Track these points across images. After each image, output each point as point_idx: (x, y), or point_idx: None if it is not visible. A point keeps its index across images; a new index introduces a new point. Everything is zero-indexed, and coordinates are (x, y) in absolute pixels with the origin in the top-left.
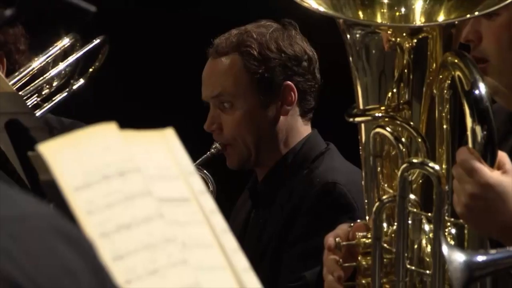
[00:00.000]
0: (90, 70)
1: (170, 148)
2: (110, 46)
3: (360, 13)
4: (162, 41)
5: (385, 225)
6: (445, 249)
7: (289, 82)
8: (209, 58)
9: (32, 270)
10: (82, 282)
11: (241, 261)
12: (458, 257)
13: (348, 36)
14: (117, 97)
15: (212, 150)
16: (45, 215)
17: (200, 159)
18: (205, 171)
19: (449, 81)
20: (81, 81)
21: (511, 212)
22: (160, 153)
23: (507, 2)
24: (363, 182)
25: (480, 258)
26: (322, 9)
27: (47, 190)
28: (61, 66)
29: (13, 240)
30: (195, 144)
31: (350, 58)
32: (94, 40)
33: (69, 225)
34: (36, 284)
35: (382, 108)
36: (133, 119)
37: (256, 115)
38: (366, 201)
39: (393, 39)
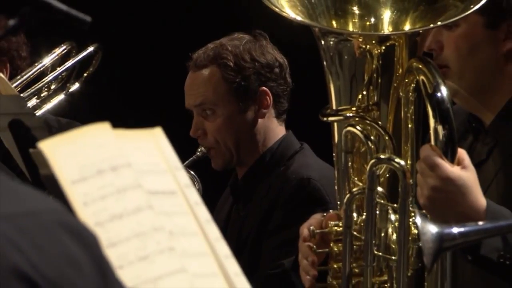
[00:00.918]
0: (85, 74)
1: (158, 145)
2: (103, 53)
3: (334, 22)
4: (153, 51)
5: (355, 215)
6: (419, 220)
7: (263, 88)
8: (190, 71)
9: (39, 262)
10: (85, 272)
11: (223, 249)
12: (430, 229)
13: (323, 42)
14: (110, 99)
15: (198, 153)
16: (52, 210)
17: (187, 161)
18: (192, 172)
19: (414, 85)
20: (77, 84)
21: (469, 204)
22: (150, 150)
23: (465, 14)
24: (335, 176)
25: (451, 230)
26: (299, 18)
27: (47, 184)
28: (59, 71)
29: (23, 234)
30: (182, 148)
31: (324, 63)
32: (89, 48)
33: (74, 220)
34: (42, 275)
35: (353, 108)
36: (125, 119)
37: (236, 120)
38: (338, 193)
39: (364, 46)
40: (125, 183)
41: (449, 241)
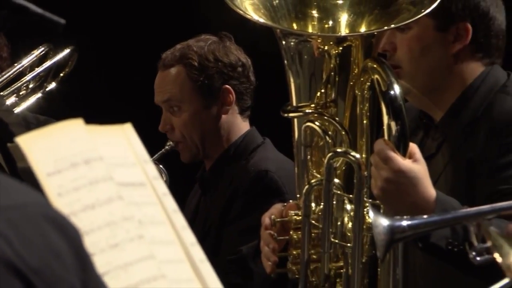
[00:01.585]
0: (61, 74)
1: (128, 140)
2: (79, 54)
3: (294, 25)
4: (124, 52)
5: (313, 204)
6: (371, 214)
7: (227, 86)
8: (159, 70)
9: (26, 253)
10: (67, 263)
11: (189, 237)
12: (382, 222)
13: (284, 43)
14: (84, 97)
15: (167, 147)
16: (37, 203)
17: (156, 155)
18: (160, 165)
19: (369, 83)
20: (53, 84)
21: (420, 195)
22: (120, 144)
23: (417, 17)
24: (295, 169)
25: (401, 223)
26: (262, 20)
27: (24, 176)
28: (37, 71)
29: (11, 226)
30: (152, 142)
31: (285, 62)
32: (65, 50)
33: (57, 213)
34: (28, 265)
35: (312, 105)
36: (97, 116)
37: (201, 116)
38: (297, 184)
39: (322, 46)
40: (97, 175)
41: (399, 233)
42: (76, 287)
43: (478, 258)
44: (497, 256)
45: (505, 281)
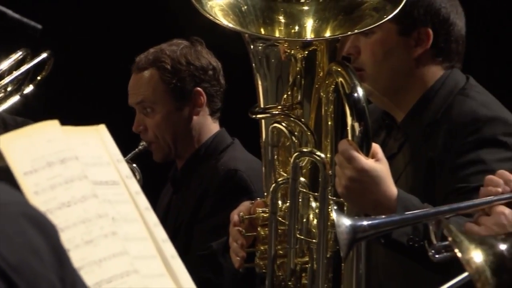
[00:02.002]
0: (38, 78)
1: (102, 140)
2: (55, 58)
3: (262, 30)
4: (99, 56)
5: (280, 202)
6: (334, 215)
7: (198, 88)
8: (133, 73)
9: (6, 250)
10: (45, 260)
11: (161, 233)
12: (344, 222)
13: (252, 47)
14: (60, 99)
15: (140, 147)
16: (17, 202)
17: (130, 155)
18: (133, 164)
19: (334, 86)
20: (31, 87)
21: (382, 193)
22: (94, 144)
23: (380, 22)
24: (263, 168)
25: (363, 222)
26: (231, 25)
27: (2, 175)
28: (15, 74)
29: None
30: (126, 142)
31: (253, 66)
32: (42, 54)
33: (36, 211)
34: (8, 262)
35: (279, 107)
36: (73, 117)
37: (173, 117)
38: (264, 183)
39: (289, 50)
40: (73, 174)
41: (361, 233)
42: (54, 283)
43: (437, 256)
44: (457, 251)
45: (464, 275)
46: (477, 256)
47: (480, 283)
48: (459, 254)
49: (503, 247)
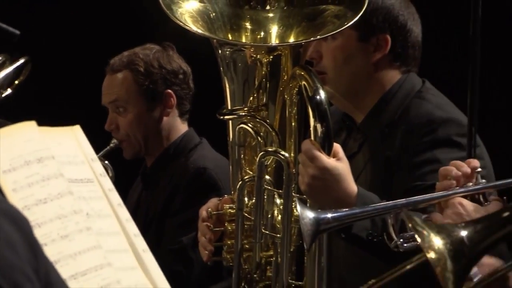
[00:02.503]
0: (16, 82)
1: (77, 140)
2: (32, 63)
3: (229, 35)
4: (74, 59)
5: (246, 199)
6: (299, 208)
7: (169, 90)
8: (107, 74)
9: None
10: (20, 252)
11: (133, 228)
12: (308, 214)
13: (220, 52)
14: (37, 102)
15: (111, 144)
16: None
17: (102, 152)
18: (106, 161)
19: (297, 89)
20: (9, 90)
21: (343, 190)
22: (70, 144)
23: (341, 29)
24: (230, 166)
25: (326, 215)
26: (200, 31)
27: None
28: None
29: None
30: (98, 140)
31: (221, 69)
32: (20, 59)
33: (10, 206)
34: None
35: (245, 109)
36: (49, 119)
37: (144, 117)
38: (231, 180)
39: (255, 55)
40: (49, 172)
41: (324, 224)
42: (29, 275)
43: (404, 245)
44: (418, 238)
45: (424, 257)
46: (437, 242)
47: (439, 267)
48: (419, 241)
49: (463, 233)
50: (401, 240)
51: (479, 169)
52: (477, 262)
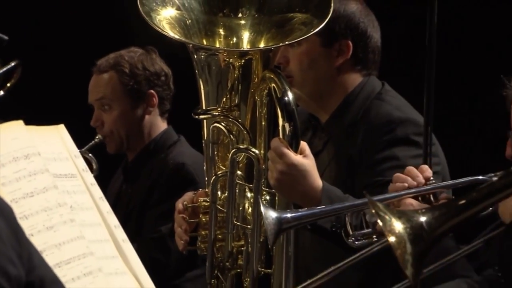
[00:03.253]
0: (8, 84)
1: (61, 138)
2: (23, 67)
3: (204, 41)
4: (63, 61)
5: (219, 192)
6: (262, 208)
7: (151, 91)
8: (94, 74)
9: None
10: (4, 238)
11: (113, 220)
12: (271, 214)
13: (195, 56)
14: (25, 103)
15: (96, 139)
16: None
17: (87, 146)
18: (90, 154)
19: (267, 91)
20: (1, 92)
21: (309, 185)
22: (55, 141)
23: (307, 35)
24: (204, 162)
25: (288, 215)
26: (177, 37)
27: None
28: None
29: None
30: (83, 135)
31: (196, 72)
32: (11, 63)
33: None
34: None
35: (219, 109)
36: (36, 118)
37: (128, 115)
38: (206, 175)
39: (227, 59)
40: (35, 168)
41: (286, 224)
42: (13, 259)
43: (356, 243)
44: (380, 223)
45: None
46: (397, 226)
47: (399, 250)
48: (381, 225)
49: (422, 219)
50: (353, 238)
51: (432, 179)
52: (434, 246)
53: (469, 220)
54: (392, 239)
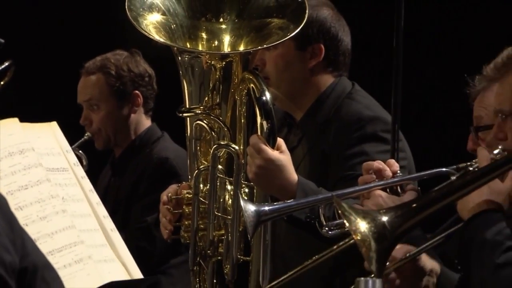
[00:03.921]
0: (2, 83)
1: (54, 134)
2: (17, 67)
3: (188, 44)
4: (52, 63)
5: (201, 185)
6: (241, 201)
7: (136, 91)
8: (82, 76)
9: None
10: None
11: (102, 211)
12: (250, 207)
13: (179, 58)
14: (20, 101)
15: (85, 137)
16: None
17: (77, 143)
18: (80, 151)
19: (246, 91)
20: None
21: (285, 178)
22: (48, 137)
23: (284, 40)
24: (187, 157)
25: (265, 208)
26: (162, 40)
27: None
28: None
29: None
30: (74, 131)
31: (181, 73)
32: (5, 63)
33: None
34: None
35: (201, 107)
36: (30, 115)
37: (115, 114)
38: (189, 169)
39: (209, 61)
40: (30, 162)
41: (264, 216)
42: (7, 246)
43: (329, 233)
44: (346, 222)
45: (352, 240)
46: (362, 226)
47: (364, 248)
48: (347, 225)
49: (384, 219)
50: (326, 228)
51: (399, 172)
52: (397, 243)
53: (429, 218)
54: (357, 237)
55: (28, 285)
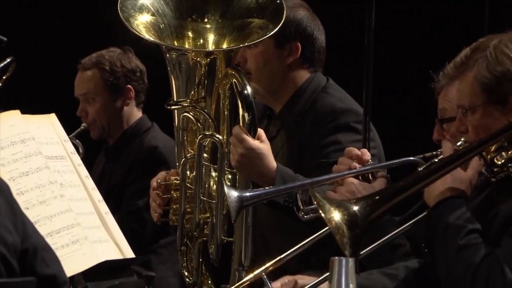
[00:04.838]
0: (4, 77)
1: (53, 125)
2: (18, 63)
3: (175, 42)
4: (51, 59)
5: (188, 172)
6: (225, 188)
7: (129, 85)
8: (79, 71)
9: None
10: (2, 211)
11: (97, 195)
12: (233, 193)
13: (168, 55)
14: (21, 94)
15: (82, 127)
16: None
17: (74, 133)
18: (77, 140)
19: (229, 85)
20: None
21: (265, 166)
22: (47, 128)
23: (264, 38)
24: (175, 146)
25: (247, 193)
26: (152, 38)
27: None
28: None
29: None
30: (72, 122)
31: (169, 69)
32: (7, 59)
33: None
34: None
35: (188, 100)
36: (30, 108)
37: (109, 106)
38: (177, 157)
39: (195, 58)
40: (30, 151)
41: (246, 201)
42: (10, 229)
43: (305, 216)
44: (320, 212)
45: (327, 230)
46: (336, 215)
47: (338, 235)
48: (322, 214)
49: (355, 208)
50: (302, 213)
51: (370, 161)
52: (368, 230)
53: (398, 205)
54: (332, 225)
55: (29, 266)
